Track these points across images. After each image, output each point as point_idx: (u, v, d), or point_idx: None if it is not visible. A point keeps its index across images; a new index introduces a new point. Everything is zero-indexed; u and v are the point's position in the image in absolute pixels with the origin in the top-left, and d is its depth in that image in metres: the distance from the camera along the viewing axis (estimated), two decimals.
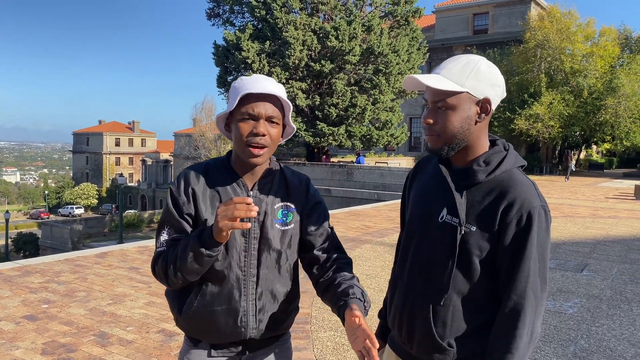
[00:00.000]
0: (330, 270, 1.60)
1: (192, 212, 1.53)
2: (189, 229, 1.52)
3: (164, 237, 1.53)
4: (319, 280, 1.61)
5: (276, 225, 1.57)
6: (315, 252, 1.63)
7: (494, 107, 1.41)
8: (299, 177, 1.68)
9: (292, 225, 1.60)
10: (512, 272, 1.34)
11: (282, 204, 1.60)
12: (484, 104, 1.40)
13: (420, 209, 1.52)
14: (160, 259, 1.50)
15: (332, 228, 1.70)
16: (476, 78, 1.37)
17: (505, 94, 1.46)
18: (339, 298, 1.49)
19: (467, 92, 1.37)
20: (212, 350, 1.58)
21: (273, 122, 1.50)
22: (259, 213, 1.54)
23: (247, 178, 1.56)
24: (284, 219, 1.59)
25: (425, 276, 1.46)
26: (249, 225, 1.36)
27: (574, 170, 28.43)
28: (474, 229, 1.37)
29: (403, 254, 1.58)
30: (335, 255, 1.63)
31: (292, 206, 1.61)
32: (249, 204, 1.34)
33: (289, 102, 1.55)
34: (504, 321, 1.35)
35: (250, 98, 1.48)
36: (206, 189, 1.54)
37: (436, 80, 1.37)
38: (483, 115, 1.40)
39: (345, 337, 4.10)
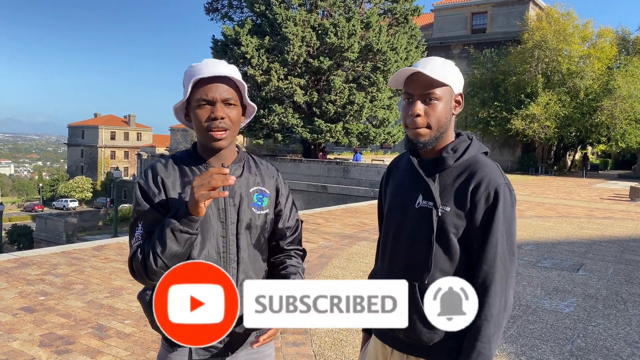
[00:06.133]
0: (284, 257, 1.66)
1: (164, 202, 1.49)
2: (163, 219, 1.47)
3: (139, 232, 1.47)
4: (269, 266, 1.66)
5: (253, 209, 1.56)
6: (281, 242, 1.66)
7: (463, 102, 1.57)
8: (268, 165, 1.68)
9: (268, 211, 1.60)
10: (482, 245, 1.46)
11: (257, 188, 1.59)
12: (458, 98, 1.55)
13: (398, 200, 1.62)
14: (138, 253, 1.43)
15: (301, 222, 1.74)
16: (453, 75, 1.51)
17: None
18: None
19: (450, 87, 1.50)
20: (192, 352, 1.53)
21: (230, 104, 1.49)
22: (233, 197, 1.53)
23: (216, 163, 1.54)
24: (260, 203, 1.58)
25: (406, 258, 1.55)
26: (226, 193, 1.35)
27: (589, 169, 30.44)
28: (448, 209, 1.48)
29: (383, 244, 1.67)
30: (294, 247, 1.69)
31: (267, 191, 1.61)
32: (225, 174, 1.33)
33: (244, 82, 1.53)
34: (476, 291, 1.42)
35: (203, 83, 1.46)
36: (176, 179, 1.52)
37: (430, 71, 1.46)
38: (458, 108, 1.55)
39: (343, 333, 4.11)
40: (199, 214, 1.37)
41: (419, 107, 1.48)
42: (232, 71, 1.49)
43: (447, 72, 1.49)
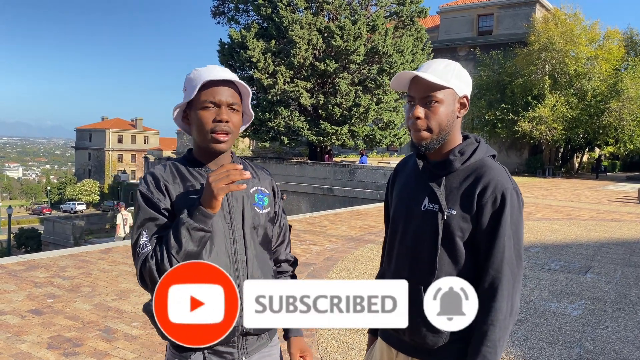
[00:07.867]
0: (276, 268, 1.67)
1: (169, 207, 1.47)
2: (169, 224, 1.45)
3: (145, 239, 1.44)
4: None
5: (255, 208, 1.58)
6: (274, 245, 1.68)
7: (468, 104, 1.55)
8: (261, 167, 1.71)
9: (269, 209, 1.62)
10: (488, 248, 1.45)
11: (257, 188, 1.61)
12: (463, 100, 1.53)
13: (404, 202, 1.61)
14: (149, 258, 1.39)
15: (290, 227, 1.76)
16: (458, 77, 1.51)
17: None
18: None
19: (452, 89, 1.49)
20: (206, 358, 1.48)
21: (234, 109, 1.50)
22: (236, 198, 1.55)
23: (215, 167, 1.54)
24: (261, 202, 1.60)
25: (412, 261, 1.55)
26: (244, 186, 1.39)
27: (602, 171, 31.15)
28: (454, 212, 1.47)
29: (389, 246, 1.67)
30: (283, 255, 1.71)
31: (266, 191, 1.63)
32: (239, 169, 1.36)
33: (248, 88, 1.54)
34: (483, 295, 1.42)
35: (211, 85, 1.47)
36: (178, 184, 1.51)
37: (430, 75, 1.47)
38: (462, 110, 1.54)
39: (349, 335, 4.10)
40: (215, 209, 1.39)
41: (419, 110, 1.48)
42: (236, 78, 1.52)
43: (449, 75, 1.49)
